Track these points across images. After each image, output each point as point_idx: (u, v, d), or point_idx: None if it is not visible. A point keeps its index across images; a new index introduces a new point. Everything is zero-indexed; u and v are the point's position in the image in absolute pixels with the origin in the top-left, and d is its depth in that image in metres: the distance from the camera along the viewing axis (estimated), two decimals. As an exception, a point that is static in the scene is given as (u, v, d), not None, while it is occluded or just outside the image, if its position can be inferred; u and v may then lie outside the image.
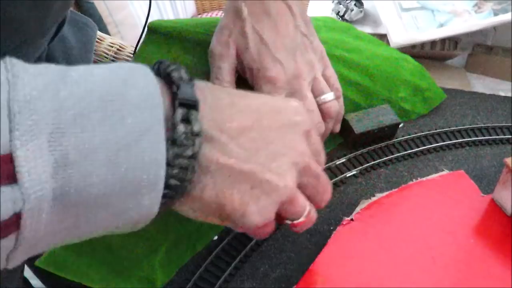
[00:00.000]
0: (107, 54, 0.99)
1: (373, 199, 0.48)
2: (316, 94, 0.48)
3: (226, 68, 0.48)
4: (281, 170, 0.34)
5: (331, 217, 0.47)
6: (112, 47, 0.99)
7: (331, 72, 0.51)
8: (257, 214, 0.33)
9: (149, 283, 0.43)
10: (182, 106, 0.29)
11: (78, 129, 0.25)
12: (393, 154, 0.54)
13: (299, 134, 0.36)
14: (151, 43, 0.56)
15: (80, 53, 0.60)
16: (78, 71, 0.27)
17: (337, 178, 0.51)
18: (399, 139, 0.55)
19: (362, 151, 0.54)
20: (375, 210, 0.47)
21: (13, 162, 0.23)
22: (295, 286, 0.41)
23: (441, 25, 0.68)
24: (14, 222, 0.24)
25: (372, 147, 0.54)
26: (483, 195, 0.49)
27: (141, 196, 0.28)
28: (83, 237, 0.29)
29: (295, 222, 0.36)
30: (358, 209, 0.47)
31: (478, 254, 0.43)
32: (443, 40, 0.70)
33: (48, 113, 0.24)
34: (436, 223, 0.46)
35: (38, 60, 0.52)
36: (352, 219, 0.46)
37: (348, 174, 0.52)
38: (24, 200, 0.23)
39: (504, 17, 0.65)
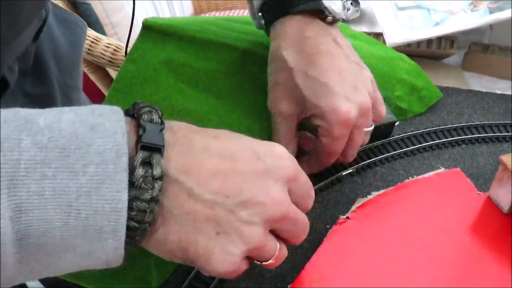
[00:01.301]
0: (104, 55, 0.99)
1: (369, 197, 0.48)
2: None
3: (284, 126, 0.48)
4: (251, 219, 0.32)
5: (327, 216, 0.47)
6: (109, 47, 0.99)
7: (378, 93, 0.50)
8: (221, 262, 0.32)
9: (145, 283, 0.43)
10: (146, 149, 0.30)
11: (38, 176, 0.26)
12: (389, 153, 0.54)
13: (279, 181, 0.33)
14: (145, 41, 0.56)
15: (69, 51, 0.59)
16: (47, 119, 0.28)
17: (333, 177, 0.51)
18: (395, 137, 0.55)
19: (358, 150, 0.53)
20: (371, 208, 0.47)
21: None
22: (290, 285, 0.41)
23: (437, 24, 0.68)
24: None
25: (368, 146, 0.54)
26: (479, 193, 0.48)
27: (104, 240, 0.29)
28: (59, 273, 0.30)
29: (263, 263, 0.35)
30: (354, 207, 0.47)
31: (475, 252, 0.43)
32: (439, 39, 0.70)
33: (8, 163, 0.26)
34: (432, 221, 0.45)
35: (23, 58, 0.51)
36: (348, 218, 0.46)
37: (344, 172, 0.51)
38: None
39: (500, 15, 0.65)
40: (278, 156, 0.34)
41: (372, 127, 0.48)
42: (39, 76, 0.55)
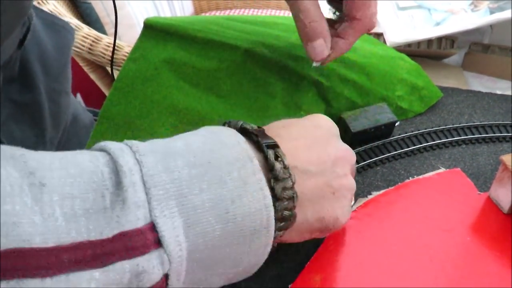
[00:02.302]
0: (104, 54, 0.99)
1: (370, 197, 0.48)
2: None
3: (312, 5, 0.47)
4: (343, 171, 0.39)
5: (327, 215, 0.47)
6: (109, 47, 0.99)
7: None
8: (344, 215, 0.39)
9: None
10: (269, 147, 0.34)
11: (197, 191, 0.29)
12: (390, 152, 0.54)
13: (337, 138, 0.41)
14: (147, 40, 0.56)
15: (56, 56, 0.59)
16: (181, 142, 0.31)
17: (333, 177, 0.51)
18: (395, 137, 0.55)
19: (359, 150, 0.54)
20: (372, 208, 0.47)
21: (156, 229, 0.27)
22: (291, 285, 0.41)
23: (438, 24, 0.68)
24: (162, 284, 0.28)
25: (369, 146, 0.54)
26: (479, 193, 0.49)
27: (257, 238, 0.32)
28: None
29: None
30: (354, 207, 0.47)
31: (475, 252, 0.43)
32: (439, 39, 0.70)
33: (173, 182, 0.28)
34: (432, 221, 0.46)
35: (7, 66, 0.51)
36: (348, 217, 0.46)
37: (345, 172, 0.51)
38: (170, 261, 0.27)
39: (501, 15, 0.65)
40: (327, 121, 0.41)
41: None
42: (25, 83, 0.55)
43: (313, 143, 0.38)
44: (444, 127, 0.57)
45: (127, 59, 0.56)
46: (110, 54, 0.99)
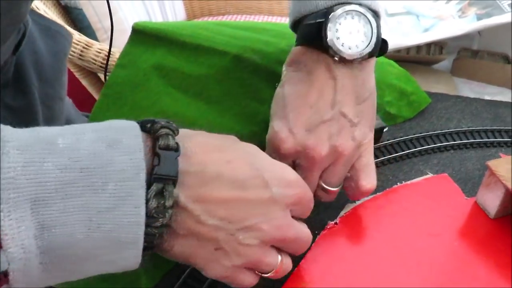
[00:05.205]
0: (95, 60, 0.99)
1: (358, 202, 0.48)
2: (322, 177, 0.44)
3: None
4: (249, 242, 0.34)
5: (316, 221, 0.47)
6: (100, 53, 0.99)
7: (365, 163, 0.44)
8: (214, 269, 0.35)
9: (134, 289, 0.43)
10: (159, 181, 0.31)
11: (60, 197, 0.28)
12: (378, 158, 0.54)
13: (283, 207, 0.36)
14: (135, 45, 0.56)
15: (51, 61, 0.59)
16: (65, 139, 0.29)
17: (322, 182, 0.51)
18: (384, 143, 0.56)
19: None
20: (360, 213, 0.47)
21: None
22: (279, 290, 0.41)
23: (426, 30, 0.69)
24: (4, 278, 0.28)
25: (357, 151, 0.54)
26: (466, 198, 0.49)
27: (125, 250, 0.31)
28: (80, 278, 0.32)
29: (263, 275, 0.38)
30: (342, 212, 0.47)
31: (462, 257, 0.43)
32: (428, 45, 0.71)
33: (31, 186, 0.27)
34: (420, 226, 0.46)
35: (2, 71, 0.51)
36: (336, 223, 0.46)
37: (334, 178, 0.52)
38: (9, 262, 0.27)
39: (488, 22, 0.65)
40: (287, 184, 0.36)
41: (338, 188, 0.45)
42: (19, 88, 0.55)
43: (240, 200, 0.34)
44: (433, 132, 0.57)
45: (115, 65, 0.56)
46: (101, 60, 0.99)
